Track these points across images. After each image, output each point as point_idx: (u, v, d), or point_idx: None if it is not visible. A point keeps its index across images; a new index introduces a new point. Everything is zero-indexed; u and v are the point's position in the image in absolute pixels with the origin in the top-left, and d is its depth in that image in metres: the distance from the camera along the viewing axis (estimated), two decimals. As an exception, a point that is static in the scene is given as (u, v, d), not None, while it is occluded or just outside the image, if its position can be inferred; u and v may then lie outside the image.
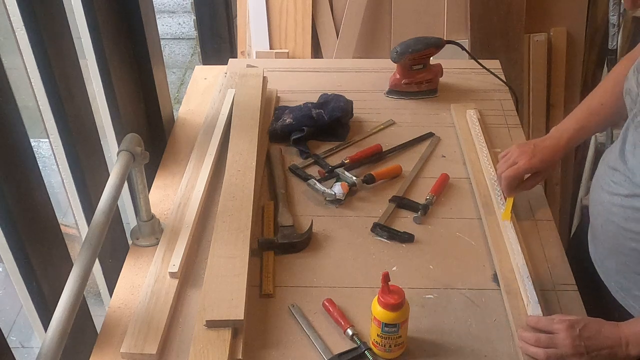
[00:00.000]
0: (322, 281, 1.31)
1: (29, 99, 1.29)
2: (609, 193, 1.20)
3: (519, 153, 1.39)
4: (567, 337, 1.09)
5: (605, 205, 1.21)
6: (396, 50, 1.78)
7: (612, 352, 1.09)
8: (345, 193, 1.48)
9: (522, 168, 1.37)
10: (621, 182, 1.16)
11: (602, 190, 1.22)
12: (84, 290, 1.05)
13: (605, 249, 1.26)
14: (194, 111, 1.82)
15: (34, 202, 1.18)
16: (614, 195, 1.18)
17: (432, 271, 1.33)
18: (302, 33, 2.37)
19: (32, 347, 2.47)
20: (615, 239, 1.21)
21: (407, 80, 1.82)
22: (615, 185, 1.18)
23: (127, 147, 1.26)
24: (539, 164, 1.37)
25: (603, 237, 1.25)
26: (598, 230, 1.27)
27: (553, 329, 1.12)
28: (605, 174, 1.23)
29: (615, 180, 1.19)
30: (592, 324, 1.11)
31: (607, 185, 1.21)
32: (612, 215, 1.19)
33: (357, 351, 1.16)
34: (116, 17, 1.50)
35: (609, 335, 1.10)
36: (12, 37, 1.20)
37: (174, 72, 4.20)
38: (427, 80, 1.83)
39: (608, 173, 1.21)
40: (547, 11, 2.41)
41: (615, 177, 1.19)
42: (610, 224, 1.20)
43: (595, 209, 1.26)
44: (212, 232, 1.34)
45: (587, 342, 1.09)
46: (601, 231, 1.25)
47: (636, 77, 1.14)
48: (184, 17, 4.76)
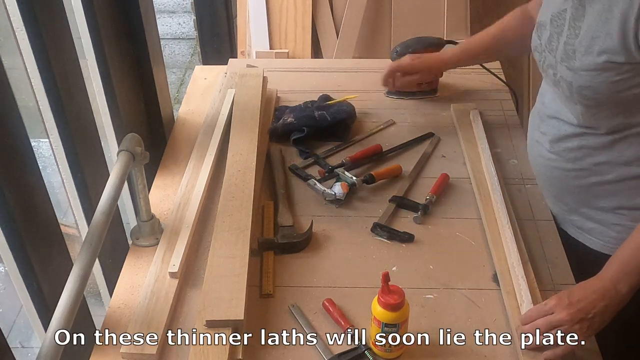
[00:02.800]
0: (322, 281, 1.31)
1: (29, 99, 1.29)
2: (543, 143, 1.37)
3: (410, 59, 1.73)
4: (561, 311, 1.10)
5: (545, 155, 1.38)
6: (396, 50, 1.78)
7: (607, 302, 1.10)
8: (345, 193, 1.48)
9: (403, 62, 1.72)
10: (548, 130, 1.35)
11: (537, 144, 1.40)
12: (84, 290, 1.05)
13: (554, 196, 1.43)
14: (194, 111, 1.82)
15: (34, 202, 1.18)
16: (547, 143, 1.36)
17: (432, 271, 1.33)
18: (302, 33, 2.37)
19: (32, 347, 2.47)
20: (560, 183, 1.37)
21: (407, 80, 1.82)
22: (545, 135, 1.37)
23: (127, 147, 1.26)
24: (420, 64, 1.72)
25: (550, 186, 1.42)
26: (544, 180, 1.44)
27: (546, 311, 1.13)
28: (535, 128, 1.41)
29: (544, 130, 1.37)
30: (576, 289, 1.14)
31: (540, 137, 1.39)
32: (552, 162, 1.36)
33: (357, 351, 1.16)
34: (116, 17, 1.50)
35: (595, 289, 1.12)
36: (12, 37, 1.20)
37: (174, 72, 4.20)
38: (427, 80, 1.83)
39: (538, 127, 1.39)
40: (547, 11, 2.41)
41: (544, 127, 1.37)
42: (553, 171, 1.37)
43: (537, 163, 1.44)
44: (212, 232, 1.34)
45: (579, 305, 1.10)
46: (547, 180, 1.43)
47: (537, 34, 1.34)
48: (184, 17, 4.76)
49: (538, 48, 1.34)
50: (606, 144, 1.25)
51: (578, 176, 1.32)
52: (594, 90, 1.19)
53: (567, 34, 1.23)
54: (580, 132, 1.28)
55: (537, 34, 1.34)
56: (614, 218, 1.31)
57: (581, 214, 1.37)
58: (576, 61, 1.20)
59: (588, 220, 1.36)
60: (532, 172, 1.56)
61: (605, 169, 1.27)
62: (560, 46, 1.24)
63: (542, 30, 1.32)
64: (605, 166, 1.27)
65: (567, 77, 1.22)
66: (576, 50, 1.20)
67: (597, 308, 1.10)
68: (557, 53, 1.25)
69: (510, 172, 1.57)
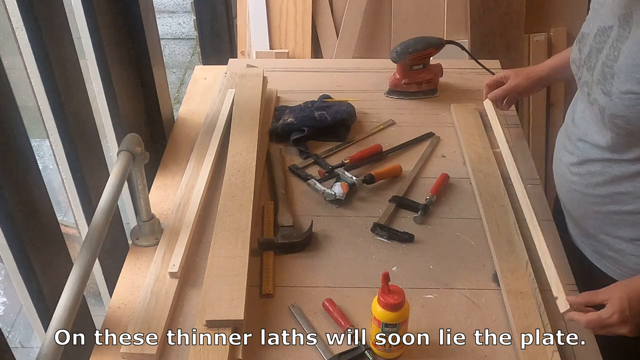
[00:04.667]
0: (322, 281, 1.31)
1: (29, 99, 1.29)
2: (567, 164, 1.33)
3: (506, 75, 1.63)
4: (622, 326, 1.09)
5: (566, 176, 1.33)
6: (396, 50, 1.78)
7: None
8: (345, 193, 1.48)
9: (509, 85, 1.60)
10: (574, 151, 1.30)
11: (561, 163, 1.36)
12: (84, 290, 1.05)
13: (572, 217, 1.39)
14: (194, 111, 1.82)
15: (34, 202, 1.18)
16: (571, 165, 1.31)
17: (432, 271, 1.33)
18: (302, 33, 2.37)
19: (32, 347, 2.47)
20: (580, 206, 1.33)
21: (407, 80, 1.82)
22: (570, 155, 1.31)
23: (127, 147, 1.26)
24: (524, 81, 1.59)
25: (570, 206, 1.38)
26: (564, 200, 1.39)
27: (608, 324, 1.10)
28: (561, 147, 1.37)
29: (570, 149, 1.32)
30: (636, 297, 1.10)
31: (564, 157, 1.34)
32: (573, 184, 1.32)
33: (357, 351, 1.16)
34: (116, 17, 1.50)
35: None
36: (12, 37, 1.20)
37: (174, 72, 4.20)
38: (427, 80, 1.83)
39: (564, 146, 1.35)
40: (547, 11, 2.41)
41: (570, 147, 1.32)
42: (572, 193, 1.33)
43: (559, 181, 1.39)
44: (212, 232, 1.34)
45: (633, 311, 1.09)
46: (566, 201, 1.38)
47: (578, 47, 1.27)
48: (184, 17, 4.76)
49: (576, 61, 1.26)
50: (630, 174, 1.20)
51: (597, 202, 1.27)
52: (627, 121, 1.12)
53: (607, 54, 1.15)
54: (605, 157, 1.22)
55: (579, 46, 1.26)
56: (632, 249, 1.26)
57: (599, 240, 1.32)
58: (613, 86, 1.13)
59: (606, 247, 1.31)
60: (532, 172, 1.57)
61: (625, 199, 1.22)
62: (599, 66, 1.17)
63: (584, 43, 1.24)
64: (626, 197, 1.22)
65: (601, 102, 1.16)
66: (615, 74, 1.12)
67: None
68: (595, 72, 1.18)
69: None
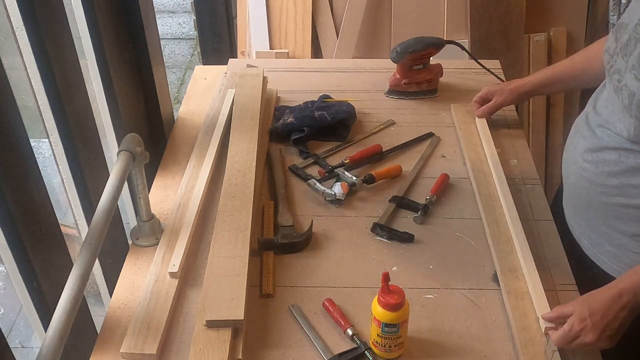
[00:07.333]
0: (322, 281, 1.31)
1: (29, 99, 1.29)
2: (581, 150, 1.31)
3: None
4: (587, 334, 1.10)
5: (578, 163, 1.32)
6: (396, 50, 1.78)
7: (628, 311, 1.10)
8: (345, 193, 1.48)
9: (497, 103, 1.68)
10: (591, 137, 1.29)
11: (575, 149, 1.34)
12: (84, 290, 1.05)
13: (576, 206, 1.37)
14: (194, 111, 1.82)
15: (34, 202, 1.18)
16: (585, 152, 1.30)
17: (432, 271, 1.33)
18: (302, 33, 2.37)
19: (32, 347, 2.47)
20: (587, 195, 1.31)
21: (407, 80, 1.82)
22: (586, 141, 1.30)
23: (127, 147, 1.26)
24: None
25: (574, 195, 1.36)
26: (570, 188, 1.38)
27: (572, 337, 1.12)
28: (577, 133, 1.35)
29: (587, 135, 1.30)
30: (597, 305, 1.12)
31: (579, 143, 1.32)
32: (584, 171, 1.30)
33: (357, 351, 1.16)
34: (116, 17, 1.50)
35: (614, 300, 1.11)
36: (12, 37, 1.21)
37: (174, 72, 4.20)
38: (427, 80, 1.83)
39: (581, 132, 1.33)
40: (547, 11, 2.41)
41: (587, 133, 1.30)
42: (582, 181, 1.31)
43: (569, 168, 1.37)
44: (212, 232, 1.34)
45: (603, 323, 1.10)
46: (573, 189, 1.36)
47: (615, 36, 1.27)
48: (184, 17, 4.76)
49: (610, 50, 1.27)
50: None
51: (605, 193, 1.26)
52: None
53: None
54: (624, 147, 1.22)
55: (615, 35, 1.27)
56: (632, 244, 1.26)
57: (600, 233, 1.31)
58: None
59: (606, 241, 1.30)
60: (532, 172, 1.57)
61: (634, 193, 1.22)
62: (636, 53, 1.17)
63: (622, 32, 1.24)
64: (636, 190, 1.22)
65: (632, 87, 1.16)
66: None
67: (619, 319, 1.10)
68: (630, 59, 1.19)
69: (510, 172, 1.56)
